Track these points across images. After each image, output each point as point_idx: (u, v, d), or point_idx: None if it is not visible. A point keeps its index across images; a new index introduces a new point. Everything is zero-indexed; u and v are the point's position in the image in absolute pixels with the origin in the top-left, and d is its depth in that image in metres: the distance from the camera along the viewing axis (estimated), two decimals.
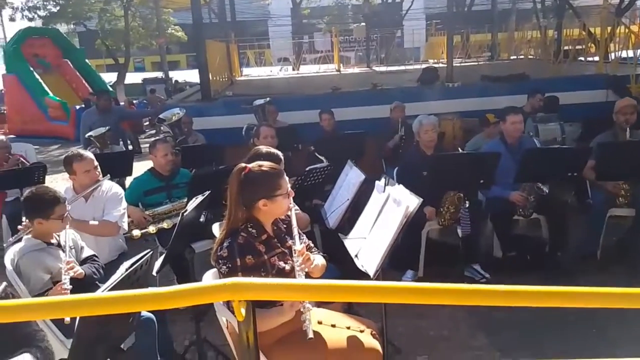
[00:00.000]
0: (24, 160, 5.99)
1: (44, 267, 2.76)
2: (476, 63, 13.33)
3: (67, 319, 2.34)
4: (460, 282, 3.43)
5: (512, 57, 14.10)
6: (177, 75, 25.49)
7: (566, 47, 10.58)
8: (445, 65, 8.78)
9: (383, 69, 13.48)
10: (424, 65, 10.96)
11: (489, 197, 4.41)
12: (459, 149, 4.75)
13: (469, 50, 15.84)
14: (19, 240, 2.92)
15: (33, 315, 1.59)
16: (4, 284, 1.98)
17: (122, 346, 2.11)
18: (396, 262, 4.15)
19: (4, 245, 3.06)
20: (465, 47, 15.76)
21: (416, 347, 3.36)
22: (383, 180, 2.82)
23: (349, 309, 3.09)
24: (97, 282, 2.90)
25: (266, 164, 2.33)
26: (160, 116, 6.19)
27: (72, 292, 2.55)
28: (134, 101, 17.93)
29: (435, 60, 14.20)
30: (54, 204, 2.79)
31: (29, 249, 2.80)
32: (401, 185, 2.65)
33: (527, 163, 3.97)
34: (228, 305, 2.21)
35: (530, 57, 12.98)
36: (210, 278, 2.38)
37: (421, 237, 4.23)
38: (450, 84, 7.86)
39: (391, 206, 2.58)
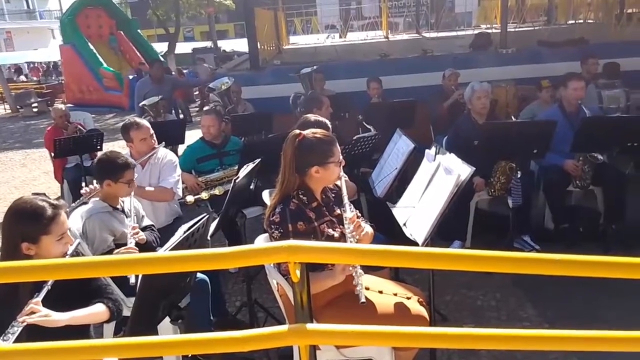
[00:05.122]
0: (81, 128, 6.26)
1: (109, 229, 2.91)
2: (532, 28, 12.72)
3: (132, 281, 2.49)
4: None
5: (570, 21, 13.39)
6: (225, 45, 25.64)
7: (630, 10, 9.94)
8: (499, 31, 8.44)
9: (433, 34, 13.06)
10: (476, 31, 10.56)
11: (542, 166, 4.30)
12: (512, 117, 4.63)
13: (525, 14, 15.10)
14: (83, 203, 3.06)
15: (104, 272, 1.70)
16: (78, 240, 2.12)
17: (179, 304, 2.21)
18: (443, 232, 4.14)
19: (67, 209, 3.23)
20: (520, 11, 15.03)
21: (463, 316, 3.37)
22: (434, 148, 2.80)
23: (396, 277, 3.12)
24: (155, 249, 3.05)
25: (320, 132, 2.36)
26: (210, 85, 6.29)
27: None
28: (184, 71, 18.21)
29: (488, 25, 13.63)
30: (124, 168, 2.94)
31: (96, 210, 2.94)
32: (452, 154, 2.62)
33: (584, 132, 3.83)
34: (279, 268, 2.28)
35: (589, 20, 12.28)
36: (262, 242, 2.45)
37: (469, 207, 4.19)
38: (504, 50, 7.57)
39: (442, 175, 2.56)
